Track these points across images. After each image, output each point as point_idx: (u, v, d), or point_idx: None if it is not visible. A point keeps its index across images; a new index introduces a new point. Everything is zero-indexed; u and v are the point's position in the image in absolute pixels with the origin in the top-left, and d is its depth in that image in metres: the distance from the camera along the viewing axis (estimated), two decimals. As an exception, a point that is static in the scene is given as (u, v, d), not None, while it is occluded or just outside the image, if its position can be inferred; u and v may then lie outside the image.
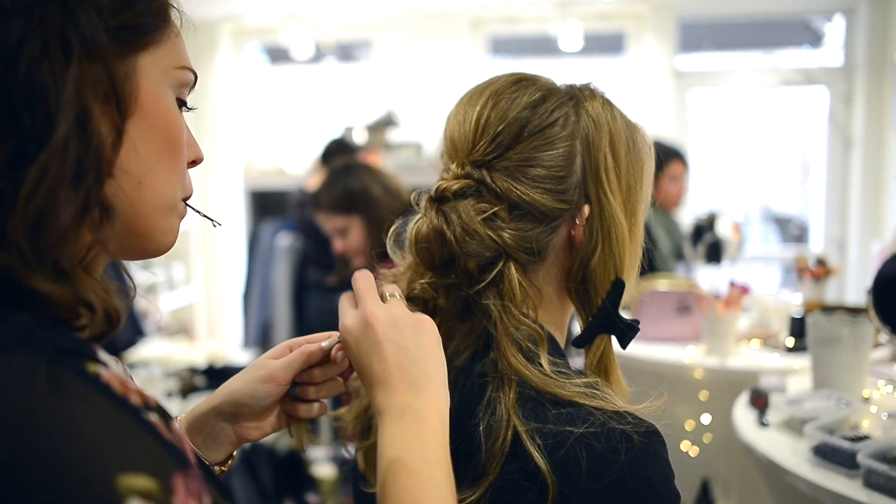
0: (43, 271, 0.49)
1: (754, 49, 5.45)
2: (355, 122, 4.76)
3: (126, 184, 0.55)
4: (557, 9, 4.71)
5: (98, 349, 0.50)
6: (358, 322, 0.70)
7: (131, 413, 0.47)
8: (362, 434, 0.89)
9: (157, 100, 0.58)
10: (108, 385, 0.47)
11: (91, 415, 0.44)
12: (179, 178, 0.61)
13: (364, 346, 0.69)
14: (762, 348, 2.40)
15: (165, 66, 0.59)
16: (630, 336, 0.81)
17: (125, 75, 0.55)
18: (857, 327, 1.74)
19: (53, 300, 0.49)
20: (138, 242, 0.59)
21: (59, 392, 0.44)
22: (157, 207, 0.59)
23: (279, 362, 0.77)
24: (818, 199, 5.06)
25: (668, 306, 2.46)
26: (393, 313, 0.69)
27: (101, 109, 0.53)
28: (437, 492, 0.62)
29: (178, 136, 0.60)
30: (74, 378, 0.45)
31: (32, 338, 0.46)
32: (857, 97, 4.69)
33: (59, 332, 0.48)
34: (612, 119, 0.81)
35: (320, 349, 0.77)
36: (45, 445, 0.42)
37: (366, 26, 5.01)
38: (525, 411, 0.72)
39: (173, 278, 4.77)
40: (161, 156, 0.58)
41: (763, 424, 1.69)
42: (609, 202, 0.79)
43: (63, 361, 0.46)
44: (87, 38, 0.52)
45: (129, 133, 0.55)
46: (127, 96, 0.55)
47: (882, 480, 1.31)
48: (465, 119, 0.81)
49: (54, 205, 0.49)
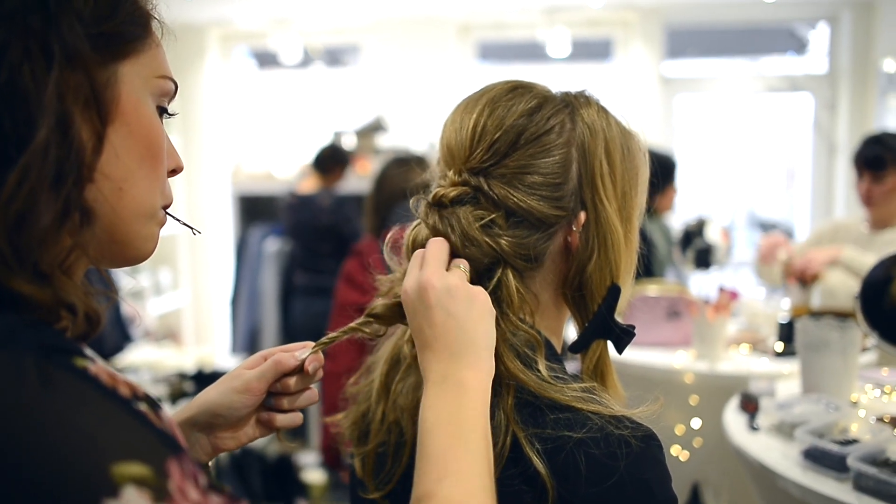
0: (23, 273, 0.49)
1: (740, 56, 5.50)
2: (344, 128, 4.76)
3: (106, 188, 0.56)
4: (545, 15, 4.73)
5: (83, 346, 0.51)
6: (415, 285, 0.72)
7: (121, 403, 0.48)
8: (360, 440, 0.89)
9: (138, 107, 0.59)
10: (97, 377, 0.48)
11: (82, 407, 0.45)
12: (159, 185, 0.62)
13: (418, 309, 0.71)
14: (751, 353, 2.42)
15: (146, 74, 0.60)
16: (626, 341, 0.82)
17: (106, 82, 0.56)
18: (845, 332, 1.75)
19: (34, 301, 0.50)
20: (118, 249, 0.60)
21: (49, 386, 0.45)
22: (138, 214, 0.59)
23: (253, 372, 0.76)
24: (803, 205, 5.11)
25: (658, 311, 2.47)
26: (449, 282, 0.71)
27: (82, 115, 0.54)
28: (471, 451, 0.64)
29: (158, 144, 0.60)
30: (63, 372, 0.46)
31: (18, 336, 0.47)
32: (841, 104, 4.74)
33: (44, 330, 0.49)
34: (607, 126, 0.82)
35: (293, 359, 0.76)
36: (40, 438, 0.43)
37: (354, 31, 5.02)
38: (523, 416, 0.72)
39: (160, 283, 4.74)
40: (141, 162, 0.59)
41: (753, 429, 1.70)
42: (605, 208, 0.79)
43: (51, 357, 0.47)
44: (68, 44, 0.53)
45: (110, 139, 0.56)
46: (108, 102, 0.56)
47: (872, 483, 1.32)
48: (462, 126, 0.81)
49: (35, 208, 0.50)
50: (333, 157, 4.01)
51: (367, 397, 0.90)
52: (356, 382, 0.94)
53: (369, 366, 0.93)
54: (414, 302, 0.72)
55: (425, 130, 4.70)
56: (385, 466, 0.85)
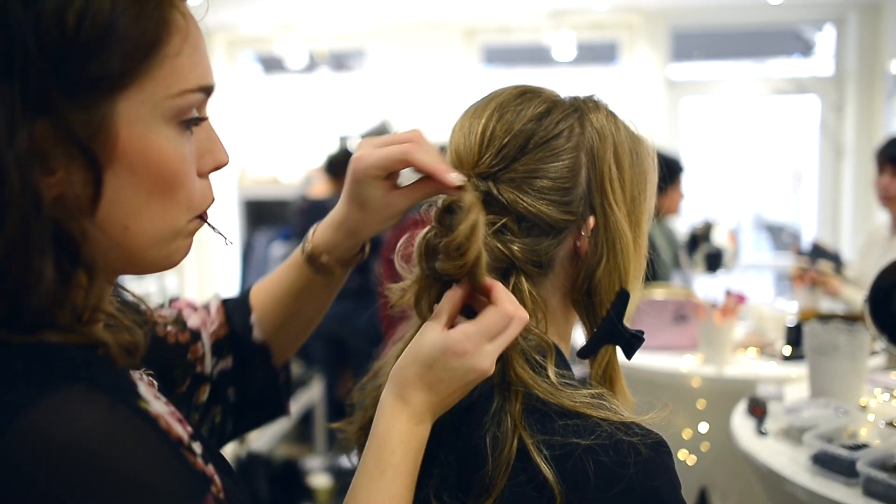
0: (48, 328, 0.50)
1: (746, 58, 5.49)
2: (350, 132, 4.77)
3: (110, 231, 0.53)
4: (551, 19, 4.73)
5: (138, 382, 0.53)
6: (457, 352, 0.69)
7: (173, 448, 0.51)
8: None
9: (143, 141, 0.53)
10: (157, 421, 0.51)
11: (148, 450, 0.49)
12: (182, 206, 0.57)
13: (446, 363, 0.70)
14: (758, 357, 2.41)
15: (158, 98, 0.53)
16: (635, 347, 0.81)
17: (97, 126, 0.50)
18: (854, 336, 1.74)
19: (71, 343, 0.51)
20: (141, 269, 0.58)
21: (120, 423, 0.47)
22: (151, 243, 0.56)
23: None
24: (810, 207, 5.10)
25: (665, 315, 2.46)
26: (484, 363, 0.70)
27: (67, 169, 0.50)
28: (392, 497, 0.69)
29: (171, 173, 0.55)
30: (131, 414, 0.49)
31: (84, 371, 0.49)
32: (848, 106, 4.73)
33: (105, 365, 0.51)
34: (616, 130, 0.81)
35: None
36: (107, 480, 0.46)
37: (359, 36, 5.03)
38: (531, 423, 0.72)
39: (166, 288, 4.75)
40: (150, 198, 0.54)
41: (762, 433, 1.69)
42: (614, 213, 0.79)
43: (120, 396, 0.49)
44: (40, 97, 0.48)
45: (108, 183, 0.52)
46: (100, 147, 0.51)
47: (882, 489, 1.31)
48: (471, 131, 0.81)
49: (28, 276, 0.49)
50: (346, 161, 4.00)
51: (373, 403, 0.90)
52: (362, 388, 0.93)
53: (376, 371, 0.93)
54: (451, 361, 0.70)
55: (431, 134, 4.68)
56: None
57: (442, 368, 0.69)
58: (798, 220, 5.55)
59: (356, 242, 0.85)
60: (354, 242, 0.84)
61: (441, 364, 0.69)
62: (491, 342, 0.69)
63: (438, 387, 0.70)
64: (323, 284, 0.88)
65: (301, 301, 0.89)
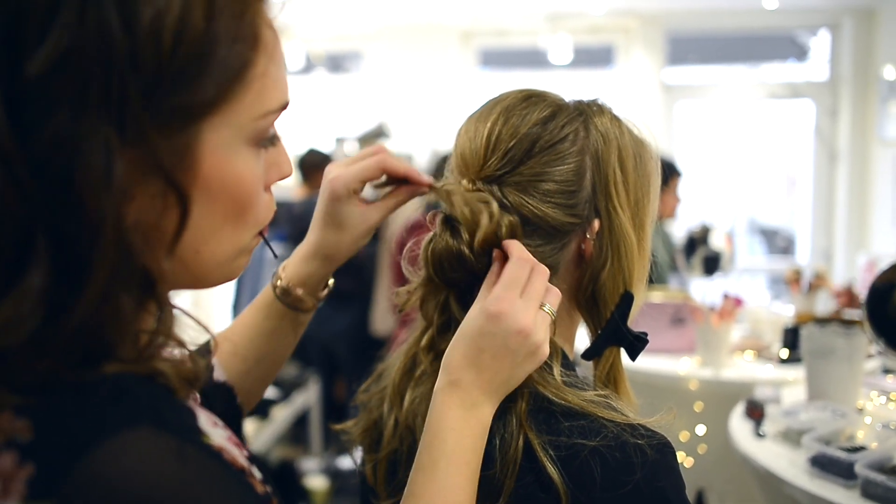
0: (110, 360, 0.48)
1: (741, 63, 5.52)
2: (346, 134, 4.77)
3: (182, 256, 0.50)
4: (547, 22, 4.74)
5: (198, 412, 0.51)
6: (508, 313, 0.69)
7: (238, 478, 0.50)
8: (371, 448, 0.89)
9: (224, 168, 0.50)
10: (221, 454, 0.49)
11: (215, 486, 0.47)
12: (250, 226, 0.55)
13: (494, 333, 0.69)
14: (756, 360, 2.42)
15: (243, 121, 0.50)
16: (639, 348, 0.82)
17: (181, 154, 0.47)
18: (851, 339, 1.75)
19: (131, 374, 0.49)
20: (201, 287, 0.57)
21: (189, 466, 0.45)
22: (218, 264, 0.54)
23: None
24: (804, 211, 5.12)
25: (662, 318, 2.47)
26: (539, 337, 0.70)
27: (145, 195, 0.46)
28: (470, 494, 0.69)
29: (247, 196, 0.53)
30: (198, 452, 0.47)
31: (150, 410, 0.47)
32: (842, 110, 4.75)
33: (167, 400, 0.49)
34: (620, 134, 0.82)
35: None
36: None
37: (356, 38, 5.03)
38: (538, 423, 0.72)
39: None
40: (225, 221, 0.52)
41: (759, 436, 1.70)
42: (618, 216, 0.80)
43: (186, 436, 0.47)
44: (131, 129, 0.44)
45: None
46: (182, 176, 0.47)
47: (880, 491, 1.32)
48: (476, 135, 0.81)
49: (106, 318, 0.46)
50: (317, 164, 4.00)
51: (378, 404, 0.90)
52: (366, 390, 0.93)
53: (380, 373, 0.93)
54: (490, 325, 0.69)
55: (428, 136, 4.70)
56: (398, 474, 0.84)
57: (483, 337, 0.69)
58: (792, 224, 5.58)
59: (329, 271, 0.85)
60: (327, 271, 0.85)
61: (481, 333, 0.70)
62: (522, 297, 0.70)
63: (484, 361, 0.69)
64: (294, 320, 0.87)
65: (273, 341, 0.87)
